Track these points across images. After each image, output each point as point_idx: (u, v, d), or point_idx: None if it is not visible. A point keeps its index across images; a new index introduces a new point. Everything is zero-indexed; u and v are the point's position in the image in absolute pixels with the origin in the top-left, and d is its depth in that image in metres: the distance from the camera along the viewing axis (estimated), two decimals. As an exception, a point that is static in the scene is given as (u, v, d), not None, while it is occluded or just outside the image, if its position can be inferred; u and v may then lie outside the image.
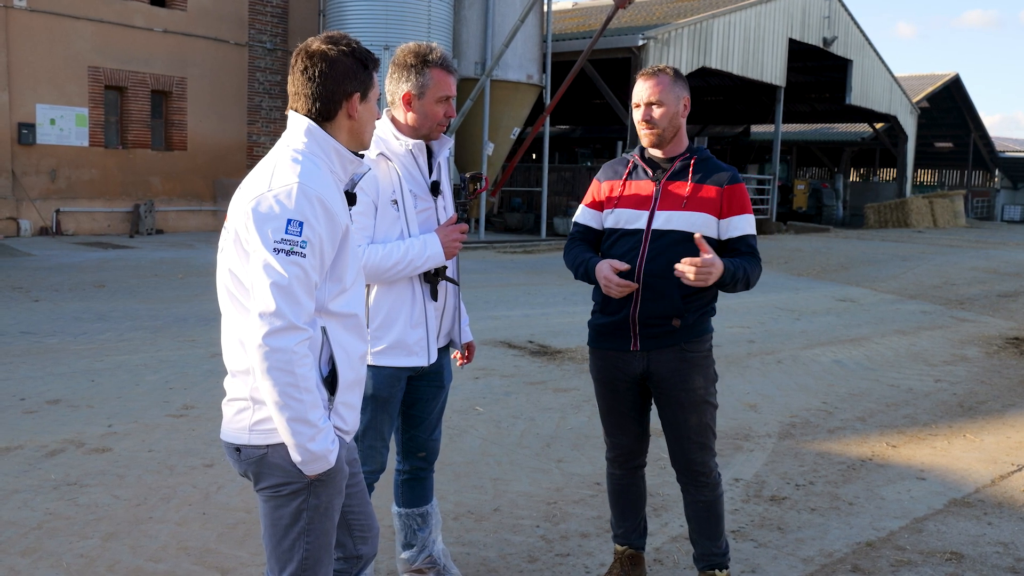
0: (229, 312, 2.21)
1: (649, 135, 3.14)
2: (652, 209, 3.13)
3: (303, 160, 2.18)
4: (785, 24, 25.59)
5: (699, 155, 3.20)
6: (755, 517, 4.36)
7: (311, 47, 2.25)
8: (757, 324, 10.02)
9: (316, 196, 2.12)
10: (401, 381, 3.06)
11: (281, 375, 2.06)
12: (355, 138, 2.32)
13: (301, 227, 2.08)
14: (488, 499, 4.44)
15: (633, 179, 3.21)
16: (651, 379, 3.20)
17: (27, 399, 5.81)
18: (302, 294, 2.09)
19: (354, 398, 2.33)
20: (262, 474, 2.22)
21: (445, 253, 2.97)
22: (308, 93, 2.23)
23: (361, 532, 2.52)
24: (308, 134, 2.24)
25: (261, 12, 19.32)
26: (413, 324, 3.00)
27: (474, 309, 10.22)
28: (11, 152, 15.82)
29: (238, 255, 2.14)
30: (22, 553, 3.62)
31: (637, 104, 3.16)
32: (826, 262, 17.27)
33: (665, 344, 3.13)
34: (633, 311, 3.12)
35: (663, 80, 3.12)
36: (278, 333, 2.05)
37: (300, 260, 2.08)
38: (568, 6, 33.81)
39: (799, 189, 33.73)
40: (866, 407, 6.52)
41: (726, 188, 3.14)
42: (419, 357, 3.04)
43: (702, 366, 3.17)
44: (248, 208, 2.11)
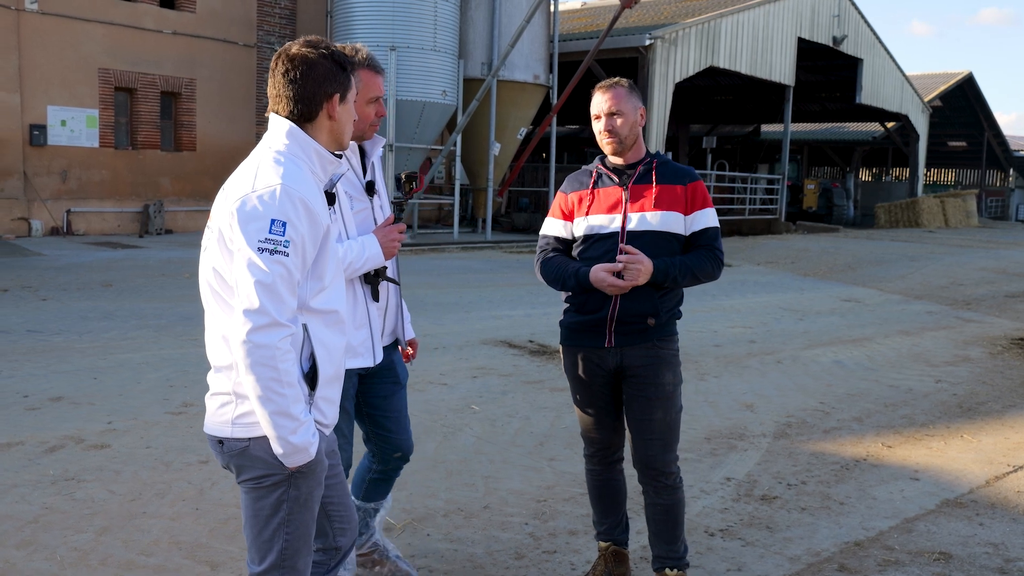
0: (212, 309, 2.27)
1: (611, 144, 3.27)
2: (624, 212, 3.23)
3: (285, 162, 2.24)
4: (794, 23, 25.53)
5: (659, 159, 3.32)
6: (744, 516, 4.38)
7: (291, 51, 2.30)
8: (759, 324, 10.03)
9: (299, 197, 2.18)
10: (352, 378, 3.08)
11: (265, 370, 2.12)
12: (335, 139, 2.39)
13: (284, 227, 2.15)
14: (479, 496, 4.48)
15: (600, 187, 3.32)
16: (623, 373, 3.28)
17: (30, 396, 5.89)
18: (285, 292, 2.15)
19: (333, 393, 2.39)
20: (244, 466, 2.28)
21: (384, 253, 3.03)
22: (290, 95, 2.29)
23: (340, 523, 2.58)
24: (289, 136, 2.30)
25: (269, 14, 19.43)
26: (357, 326, 3.05)
27: (477, 309, 10.29)
28: (23, 153, 15.97)
29: (222, 253, 2.20)
30: (17, 546, 3.68)
31: (597, 115, 3.28)
32: (833, 262, 17.23)
33: (639, 341, 3.21)
34: (612, 310, 3.20)
35: (619, 92, 3.25)
36: (262, 329, 2.11)
37: (283, 259, 2.14)
38: (576, 6, 33.83)
39: (809, 189, 33.64)
40: (864, 407, 6.53)
41: (689, 186, 3.27)
42: (364, 358, 3.09)
43: (672, 363, 3.27)
44: (232, 208, 2.17)
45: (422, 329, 8.82)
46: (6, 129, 15.66)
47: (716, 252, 3.26)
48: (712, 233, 3.27)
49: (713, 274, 3.27)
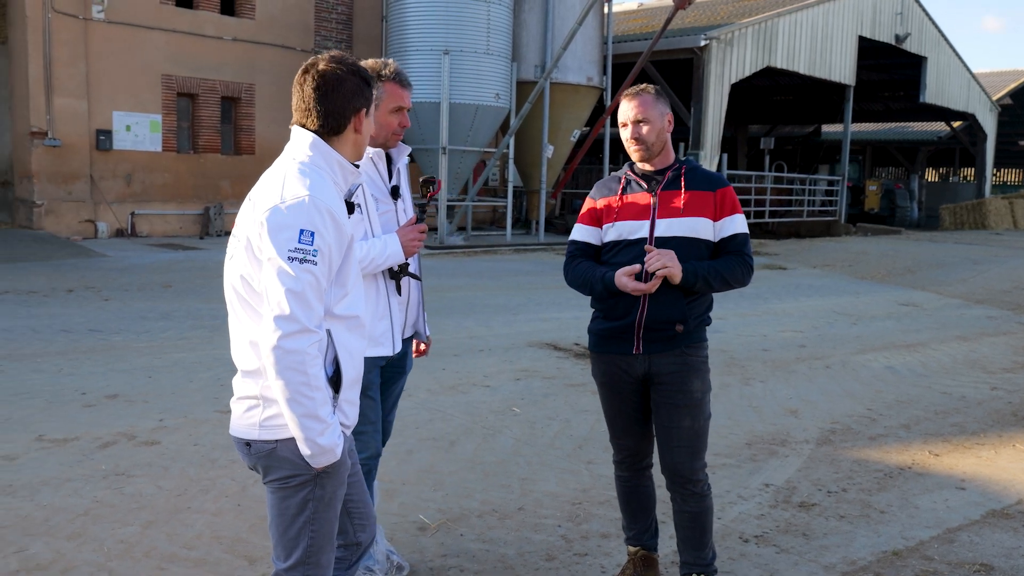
0: (239, 315, 2.36)
1: (638, 151, 3.28)
2: (652, 218, 3.24)
3: (311, 172, 2.33)
4: (854, 22, 25.05)
5: (688, 165, 3.31)
6: (781, 523, 4.35)
7: (320, 67, 2.39)
8: (811, 328, 9.89)
9: (326, 208, 2.27)
10: (377, 369, 3.29)
11: (295, 375, 2.20)
12: (357, 151, 2.48)
13: (313, 237, 2.23)
14: (514, 498, 4.53)
15: (629, 193, 3.33)
16: (651, 380, 3.29)
17: (88, 393, 6.12)
18: (314, 299, 2.24)
19: (355, 395, 2.47)
20: (271, 467, 2.36)
21: (404, 251, 3.24)
22: (320, 110, 2.37)
23: (360, 520, 2.65)
24: (313, 148, 2.38)
25: (326, 19, 19.76)
26: (379, 317, 3.25)
27: (525, 311, 10.34)
28: (90, 158, 16.52)
29: (250, 261, 2.29)
30: (68, 537, 3.84)
31: (624, 123, 3.30)
32: (892, 265, 16.87)
33: (667, 348, 3.22)
34: (640, 316, 3.21)
35: (646, 99, 3.27)
36: (293, 336, 2.20)
37: (312, 268, 2.23)
38: (633, 7, 33.67)
39: (871, 190, 32.94)
40: (912, 414, 6.41)
41: (718, 192, 3.26)
42: (384, 347, 3.27)
43: (700, 371, 3.25)
44: (262, 218, 2.26)
45: (469, 331, 8.91)
46: (74, 134, 16.22)
47: (746, 258, 3.26)
48: (741, 239, 3.26)
49: (743, 280, 3.27)
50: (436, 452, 5.17)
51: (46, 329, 8.16)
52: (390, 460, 4.98)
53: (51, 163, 16.03)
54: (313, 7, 19.45)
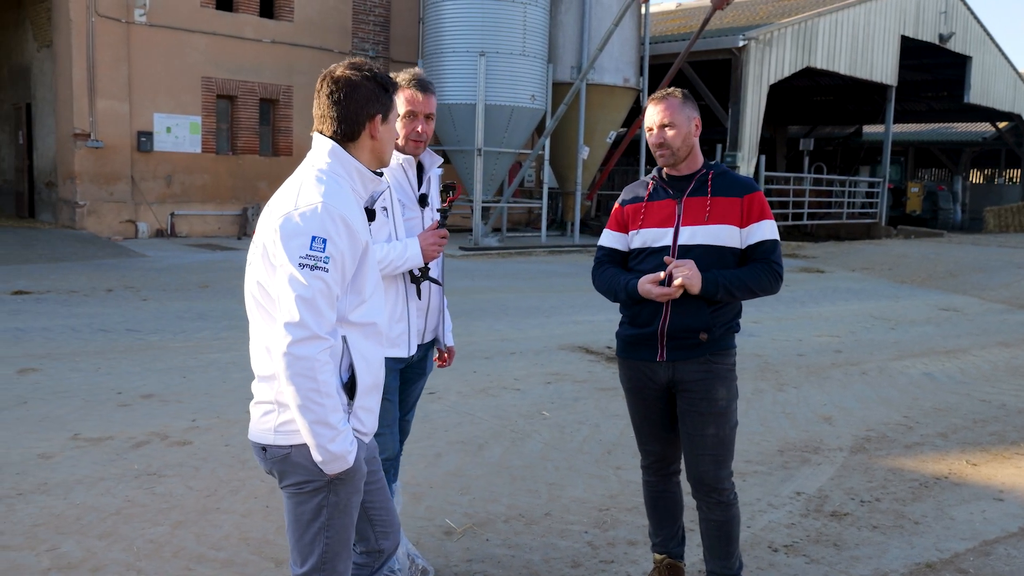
0: (256, 321, 2.37)
1: (663, 155, 3.24)
2: (676, 226, 3.21)
3: (327, 180, 2.33)
4: (897, 21, 24.66)
5: (716, 170, 3.26)
6: (811, 532, 4.28)
7: (336, 73, 2.40)
8: (848, 333, 9.74)
9: (339, 215, 2.27)
10: (394, 372, 3.31)
11: (304, 381, 2.21)
12: (376, 157, 2.47)
13: (325, 244, 2.24)
14: (541, 503, 4.51)
15: (655, 199, 3.30)
16: (676, 388, 3.25)
17: (123, 393, 6.21)
18: (325, 306, 2.24)
19: (372, 402, 2.46)
20: (286, 472, 2.38)
21: (424, 255, 3.26)
22: (334, 115, 2.39)
23: (383, 527, 2.65)
24: (332, 155, 2.39)
25: (364, 21, 19.90)
26: (396, 319, 3.28)
27: (558, 313, 10.31)
28: (131, 159, 16.79)
29: (266, 268, 2.30)
30: (99, 536, 3.90)
31: (650, 128, 3.26)
32: (933, 269, 16.57)
33: (691, 355, 3.18)
34: (663, 324, 3.18)
35: (672, 103, 3.22)
36: (302, 342, 2.21)
37: (323, 275, 2.24)
38: (671, 7, 33.46)
39: (913, 192, 32.34)
40: (950, 423, 6.28)
41: (745, 198, 3.20)
42: (400, 349, 3.30)
43: (726, 379, 3.20)
44: (276, 225, 2.28)
45: (500, 334, 8.91)
46: (116, 136, 16.50)
47: (774, 265, 3.20)
48: (769, 246, 3.20)
49: (771, 288, 3.21)
50: (464, 456, 5.18)
51: (85, 328, 8.31)
52: (418, 463, 5.00)
53: (93, 164, 16.32)
54: (351, 9, 19.60)
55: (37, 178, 18.04)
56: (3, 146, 19.71)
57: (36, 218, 18.04)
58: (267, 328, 2.32)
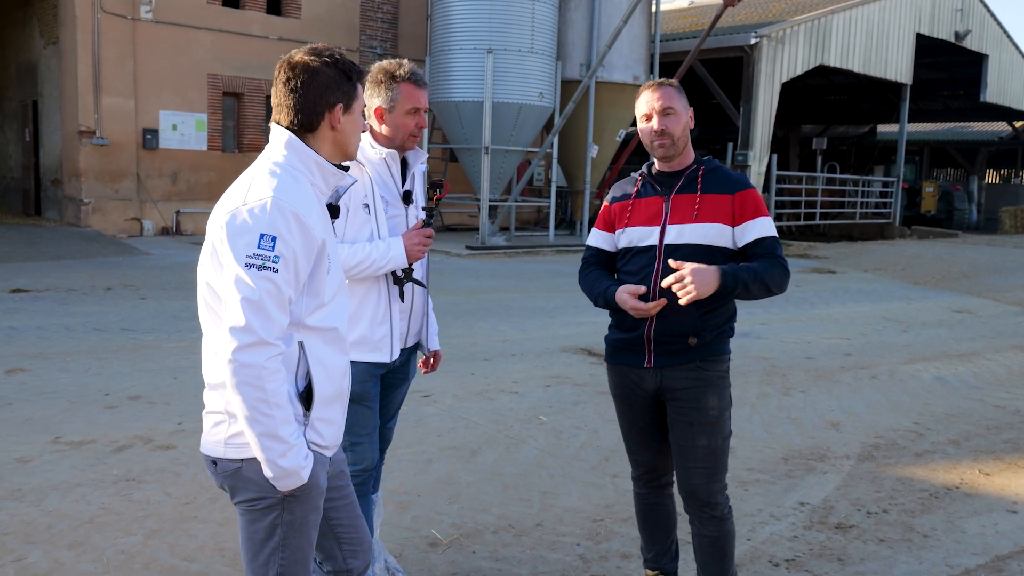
0: (207, 325, 2.20)
1: (662, 145, 3.01)
2: (663, 224, 3.01)
3: (281, 174, 2.16)
4: (912, 18, 24.34)
5: (707, 166, 3.06)
6: (815, 545, 4.09)
7: (294, 58, 2.23)
8: (858, 335, 9.51)
9: (291, 211, 2.10)
10: (375, 378, 3.16)
11: (251, 390, 2.04)
12: (339, 149, 2.30)
13: (274, 242, 2.07)
14: (533, 513, 4.34)
15: (642, 197, 3.11)
16: (664, 395, 3.07)
17: (111, 394, 6.07)
18: (274, 309, 2.07)
19: (333, 413, 2.28)
20: (237, 488, 2.21)
21: (408, 256, 3.09)
22: (290, 104, 2.22)
23: (351, 545, 2.48)
24: (288, 147, 2.22)
25: (372, 18, 19.76)
26: (378, 322, 3.12)
27: (562, 314, 10.13)
28: (136, 156, 16.70)
29: (214, 268, 2.13)
30: (69, 546, 3.75)
31: (648, 114, 3.03)
32: (947, 270, 16.28)
33: (680, 361, 2.98)
34: (648, 329, 2.99)
35: (669, 90, 3.04)
36: (248, 348, 2.04)
37: (272, 275, 2.06)
38: (683, 5, 33.18)
39: (927, 191, 31.96)
40: (963, 429, 6.06)
41: (737, 195, 2.99)
42: (382, 353, 3.14)
43: (718, 386, 3.00)
44: (223, 221, 2.11)
45: (503, 334, 8.73)
46: (121, 133, 16.41)
47: (781, 261, 2.98)
48: (770, 243, 2.99)
49: (782, 284, 2.98)
50: (456, 462, 5.00)
51: (80, 327, 8.18)
52: (407, 469, 4.83)
53: (99, 162, 16.24)
54: (359, 6, 19.47)
55: (43, 175, 17.99)
56: (10, 143, 19.68)
57: (42, 216, 17.99)
58: (216, 332, 2.15)
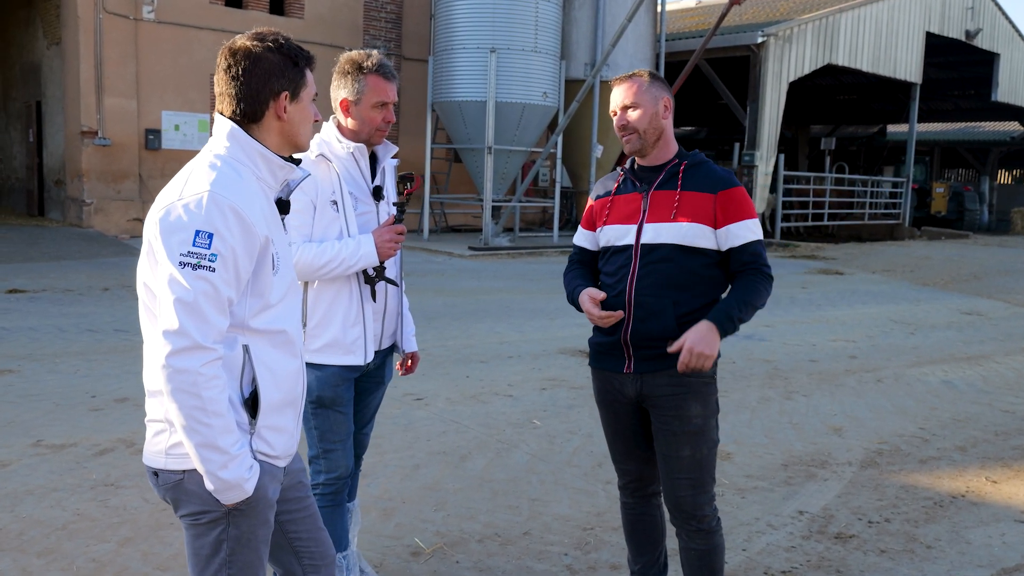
0: (146, 327, 2.07)
1: (628, 140, 2.89)
2: (640, 223, 2.86)
3: (221, 166, 2.02)
4: (922, 17, 24.09)
5: (690, 160, 2.89)
6: (812, 556, 3.94)
7: (235, 44, 2.10)
8: (864, 338, 9.34)
9: (229, 205, 1.96)
10: (347, 382, 3.04)
11: (186, 397, 1.91)
12: (287, 140, 2.16)
13: (211, 239, 1.93)
14: (521, 521, 4.20)
15: (622, 193, 2.97)
16: (645, 403, 2.92)
17: (97, 396, 5.96)
18: (210, 311, 1.93)
19: (283, 420, 2.14)
20: (180, 500, 2.08)
21: (379, 253, 2.97)
22: (232, 93, 2.08)
23: (311, 560, 2.35)
24: (231, 138, 2.08)
25: (375, 18, 19.65)
26: (351, 324, 3.01)
27: (563, 315, 9.98)
28: (138, 157, 16.63)
29: (151, 267, 2.00)
30: (39, 554, 3.63)
31: (613, 111, 2.93)
32: (957, 271, 16.06)
33: (660, 367, 2.83)
34: (625, 332, 2.85)
35: (637, 81, 2.89)
36: (182, 353, 1.90)
37: (208, 275, 1.93)
38: (690, 4, 32.99)
39: (938, 192, 31.67)
40: (970, 435, 5.90)
41: (720, 194, 2.82)
42: (355, 356, 3.02)
43: (701, 393, 2.84)
44: (157, 217, 1.98)
45: (500, 336, 8.60)
46: (123, 134, 16.34)
47: (764, 269, 2.85)
48: (755, 248, 2.83)
49: (767, 297, 2.87)
50: (444, 467, 4.87)
51: (72, 328, 8.08)
52: (393, 475, 4.70)
53: (101, 162, 16.17)
54: (362, 6, 19.36)
55: (47, 176, 17.94)
56: (14, 144, 19.64)
57: (46, 216, 17.94)
58: (152, 336, 2.02)
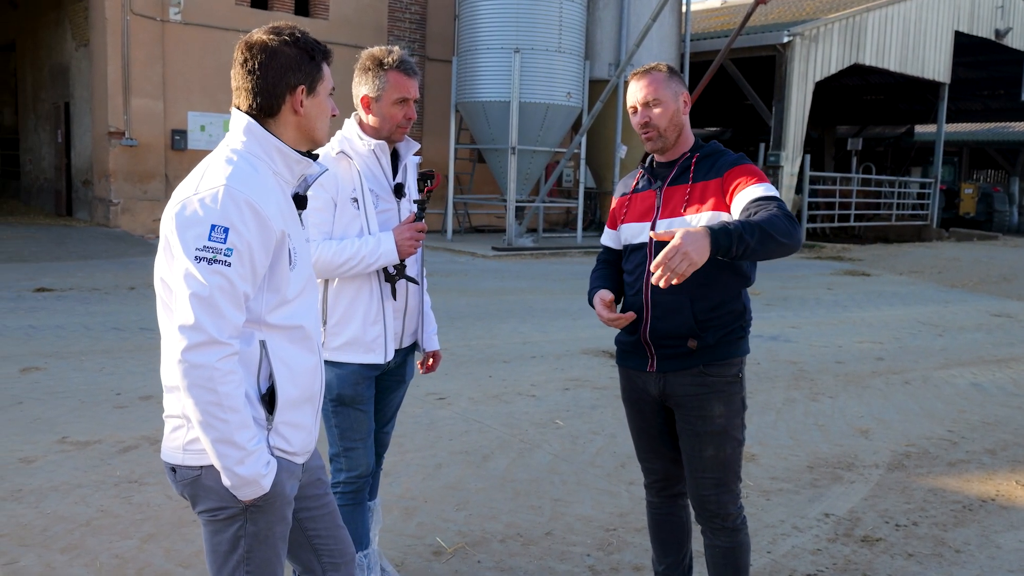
0: (164, 324, 2.07)
1: (650, 138, 2.84)
2: (654, 219, 2.83)
3: (237, 161, 2.02)
4: (951, 16, 23.79)
5: (702, 151, 2.84)
6: (839, 559, 3.88)
7: (252, 38, 2.09)
8: (892, 339, 9.22)
9: (245, 200, 1.95)
10: (368, 380, 3.02)
11: (203, 393, 1.91)
12: (304, 135, 2.15)
13: (226, 233, 1.93)
14: (543, 521, 4.17)
15: (639, 190, 2.94)
16: (668, 402, 2.89)
17: (122, 394, 6.00)
18: (226, 306, 1.93)
19: (301, 417, 2.13)
20: (198, 496, 2.08)
21: (399, 251, 2.95)
22: (248, 87, 2.07)
23: (331, 558, 2.34)
24: (247, 132, 2.08)
25: (400, 19, 19.70)
26: (371, 322, 2.99)
27: (586, 315, 9.94)
28: (165, 157, 16.77)
29: (167, 262, 2.00)
30: (63, 550, 3.65)
31: (633, 107, 2.86)
32: (986, 273, 15.84)
33: (683, 366, 2.79)
34: (645, 331, 2.82)
35: (657, 77, 2.81)
36: (198, 348, 1.90)
37: (224, 269, 1.92)
38: (715, 4, 32.81)
39: (967, 193, 31.29)
40: (1000, 438, 5.80)
41: (727, 174, 2.75)
42: (376, 354, 3.01)
43: (724, 392, 2.80)
44: (173, 212, 1.97)
45: (524, 336, 8.57)
46: (150, 134, 16.49)
47: (780, 205, 2.58)
48: (763, 198, 2.60)
49: (790, 233, 2.50)
50: (466, 467, 4.85)
51: (98, 326, 8.15)
52: (415, 474, 4.69)
53: (128, 162, 16.33)
54: (387, 7, 19.42)
55: (75, 176, 18.14)
56: (43, 145, 19.88)
57: (73, 216, 18.13)
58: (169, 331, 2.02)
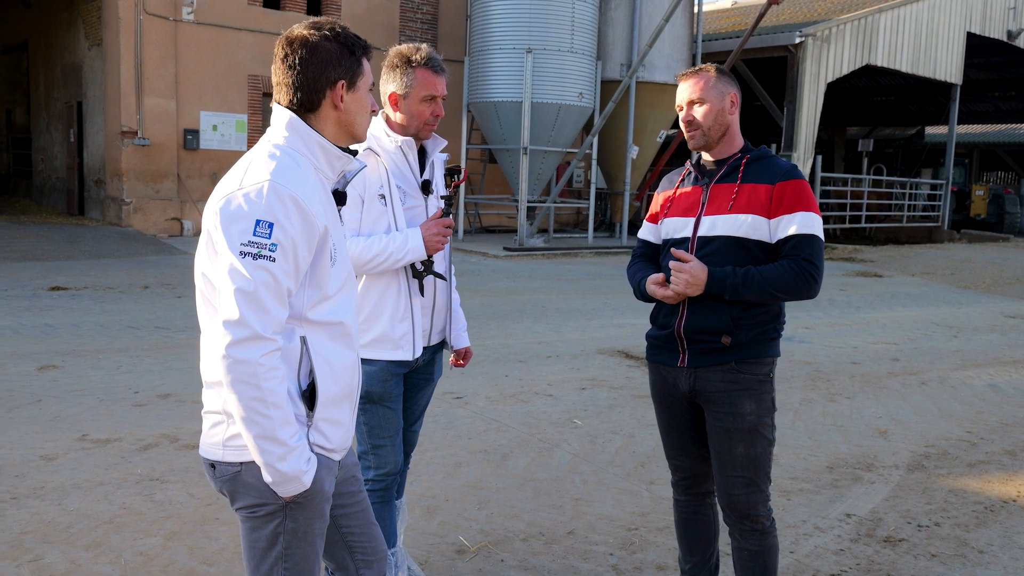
0: (204, 318, 2.07)
1: (693, 136, 2.86)
2: (699, 215, 2.84)
3: (280, 156, 2.02)
4: (963, 17, 23.70)
5: (753, 154, 2.85)
6: (862, 560, 3.87)
7: (292, 33, 2.09)
8: (906, 341, 9.19)
9: (289, 195, 1.95)
10: (396, 377, 3.02)
11: (246, 389, 1.90)
12: (344, 131, 2.15)
13: (271, 228, 1.92)
14: (565, 520, 4.16)
15: (684, 187, 2.95)
16: (699, 398, 2.88)
17: (140, 392, 6.02)
18: (270, 301, 1.92)
19: (340, 413, 2.13)
20: (237, 493, 2.07)
21: (427, 247, 2.95)
22: (289, 82, 2.07)
23: (364, 555, 2.34)
24: (289, 128, 2.08)
25: (411, 19, 19.73)
26: (399, 319, 2.99)
27: (600, 316, 9.94)
28: (177, 157, 16.83)
29: (210, 258, 2.00)
30: (87, 547, 3.66)
31: (679, 106, 2.90)
32: (999, 274, 15.78)
33: (714, 362, 2.80)
34: (679, 325, 2.82)
35: (703, 76, 2.84)
36: (242, 343, 1.89)
37: (268, 264, 1.92)
38: (727, 5, 32.75)
39: (978, 195, 31.15)
40: (1019, 440, 5.77)
41: (778, 185, 2.76)
42: (404, 351, 3.01)
43: (756, 391, 2.79)
44: (216, 207, 1.97)
45: (538, 336, 8.57)
46: (163, 134, 16.54)
47: (804, 263, 2.70)
48: (799, 241, 2.71)
49: (798, 290, 2.70)
50: (486, 466, 4.85)
51: (114, 325, 8.18)
52: (436, 473, 4.69)
53: (140, 162, 16.39)
54: (398, 7, 19.45)
55: (87, 175, 18.21)
56: (56, 144, 19.96)
57: (85, 215, 18.20)
58: (212, 327, 2.02)
